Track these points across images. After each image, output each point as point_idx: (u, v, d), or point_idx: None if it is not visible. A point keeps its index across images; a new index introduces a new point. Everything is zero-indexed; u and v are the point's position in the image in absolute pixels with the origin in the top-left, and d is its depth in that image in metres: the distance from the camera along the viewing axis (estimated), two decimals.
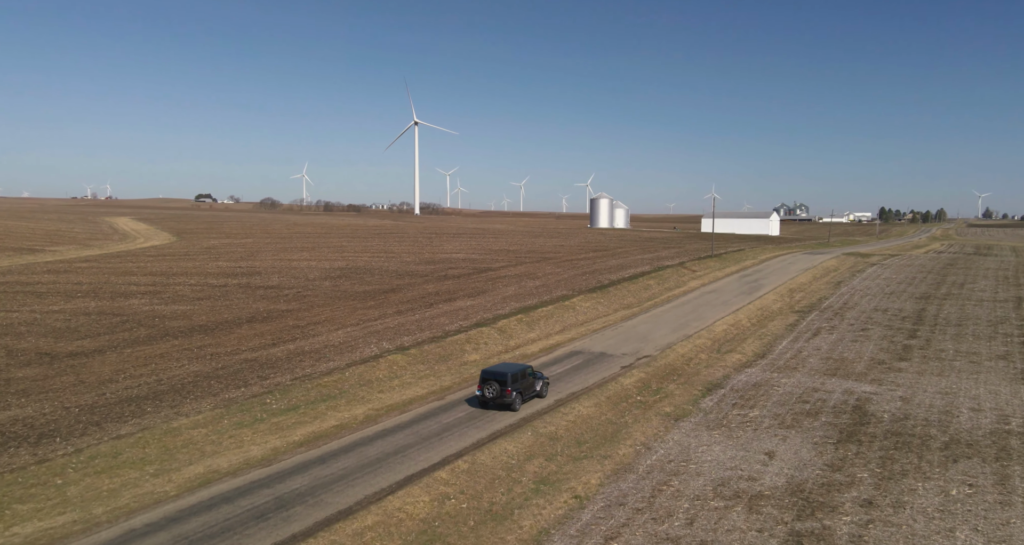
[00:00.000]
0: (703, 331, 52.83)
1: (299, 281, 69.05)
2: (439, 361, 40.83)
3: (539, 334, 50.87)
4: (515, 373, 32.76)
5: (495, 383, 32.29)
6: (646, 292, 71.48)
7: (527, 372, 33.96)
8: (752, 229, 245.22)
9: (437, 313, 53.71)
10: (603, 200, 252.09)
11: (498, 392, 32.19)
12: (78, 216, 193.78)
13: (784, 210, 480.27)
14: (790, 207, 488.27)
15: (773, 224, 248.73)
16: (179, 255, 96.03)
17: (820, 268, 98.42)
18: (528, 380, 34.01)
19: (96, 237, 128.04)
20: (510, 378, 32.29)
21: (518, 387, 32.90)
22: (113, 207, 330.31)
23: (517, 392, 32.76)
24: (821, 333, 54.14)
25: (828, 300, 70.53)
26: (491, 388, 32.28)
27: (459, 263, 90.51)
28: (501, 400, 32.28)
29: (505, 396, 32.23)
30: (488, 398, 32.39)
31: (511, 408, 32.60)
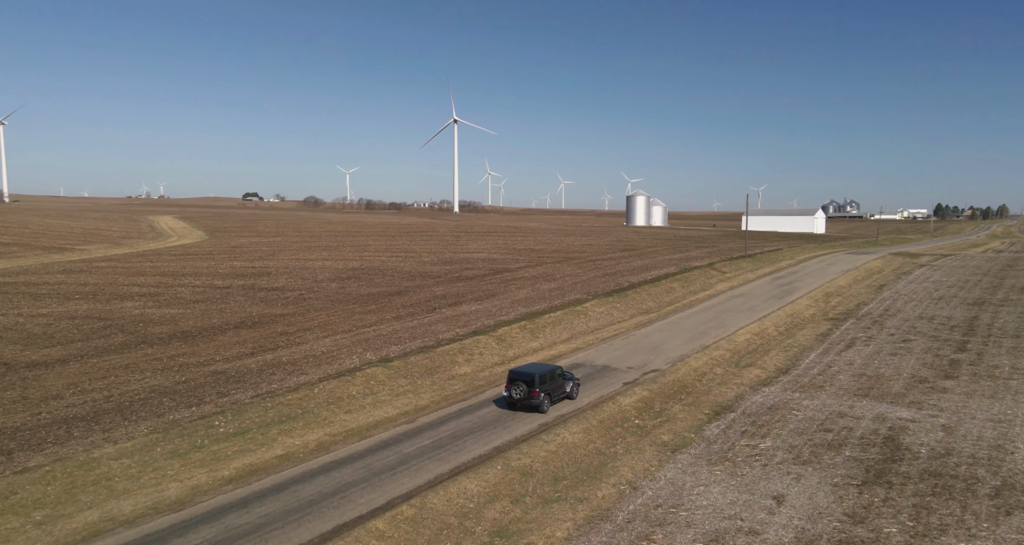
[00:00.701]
0: (722, 341, 47.97)
1: (306, 282, 66.37)
2: (424, 374, 37.18)
3: (542, 343, 46.82)
4: (543, 374, 31.78)
5: (522, 384, 31.41)
6: (668, 296, 66.61)
7: (556, 373, 32.88)
8: (795, 227, 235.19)
9: (437, 318, 50.15)
10: (639, 197, 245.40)
11: (525, 393, 31.35)
12: (123, 215, 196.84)
13: (833, 207, 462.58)
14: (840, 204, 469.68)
15: (818, 222, 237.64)
16: (200, 254, 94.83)
17: (862, 270, 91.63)
18: (557, 381, 33.01)
19: (130, 235, 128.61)
20: (537, 379, 31.33)
21: (546, 388, 32.00)
22: (162, 205, 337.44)
23: (545, 393, 31.85)
24: (856, 344, 48.68)
25: (867, 306, 64.50)
26: (518, 389, 31.45)
27: (477, 263, 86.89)
28: (528, 401, 31.41)
29: (532, 397, 31.33)
30: (516, 399, 31.54)
31: (539, 410, 31.71)
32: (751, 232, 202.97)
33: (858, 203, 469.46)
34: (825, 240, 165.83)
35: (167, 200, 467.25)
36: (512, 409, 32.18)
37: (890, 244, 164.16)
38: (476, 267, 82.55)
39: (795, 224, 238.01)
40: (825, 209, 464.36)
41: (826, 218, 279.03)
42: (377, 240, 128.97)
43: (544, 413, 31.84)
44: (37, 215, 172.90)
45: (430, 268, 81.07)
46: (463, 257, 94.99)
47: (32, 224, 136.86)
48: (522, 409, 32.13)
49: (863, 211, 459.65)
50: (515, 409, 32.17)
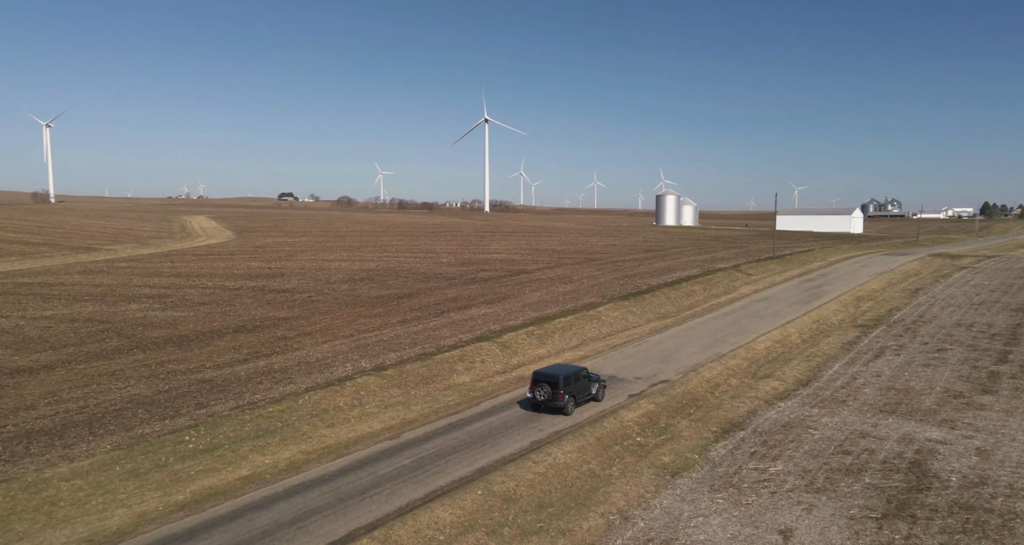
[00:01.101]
0: (740, 349, 45.14)
1: (318, 284, 65.19)
2: (419, 384, 35.31)
3: (550, 350, 44.60)
4: (568, 375, 31.21)
5: (546, 385, 30.92)
6: (688, 299, 63.73)
7: (581, 374, 32.27)
8: (831, 227, 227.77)
9: (443, 323, 48.30)
10: (669, 197, 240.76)
11: (549, 395, 30.86)
12: (159, 215, 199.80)
13: (874, 206, 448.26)
14: (880, 202, 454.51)
15: (855, 221, 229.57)
16: (222, 254, 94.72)
17: (897, 272, 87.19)
18: (583, 383, 32.40)
19: (159, 235, 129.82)
20: (562, 380, 30.78)
21: (571, 390, 31.46)
22: (199, 206, 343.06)
23: (570, 395, 31.32)
24: (885, 354, 45.36)
25: (901, 311, 60.72)
26: (542, 391, 31.00)
27: (495, 264, 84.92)
28: (553, 404, 30.96)
29: (557, 399, 30.85)
30: (539, 401, 31.16)
31: (563, 412, 31.28)
32: (784, 232, 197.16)
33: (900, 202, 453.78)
34: (862, 240, 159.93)
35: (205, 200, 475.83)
36: (536, 411, 31.77)
37: (931, 244, 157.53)
38: (493, 268, 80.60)
39: (831, 224, 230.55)
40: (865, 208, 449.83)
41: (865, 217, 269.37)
42: (400, 240, 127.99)
43: (568, 415, 31.29)
44: (75, 215, 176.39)
45: (446, 269, 79.39)
46: (482, 258, 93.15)
47: (67, 224, 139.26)
48: (546, 411, 31.67)
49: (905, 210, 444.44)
50: (539, 411, 31.73)
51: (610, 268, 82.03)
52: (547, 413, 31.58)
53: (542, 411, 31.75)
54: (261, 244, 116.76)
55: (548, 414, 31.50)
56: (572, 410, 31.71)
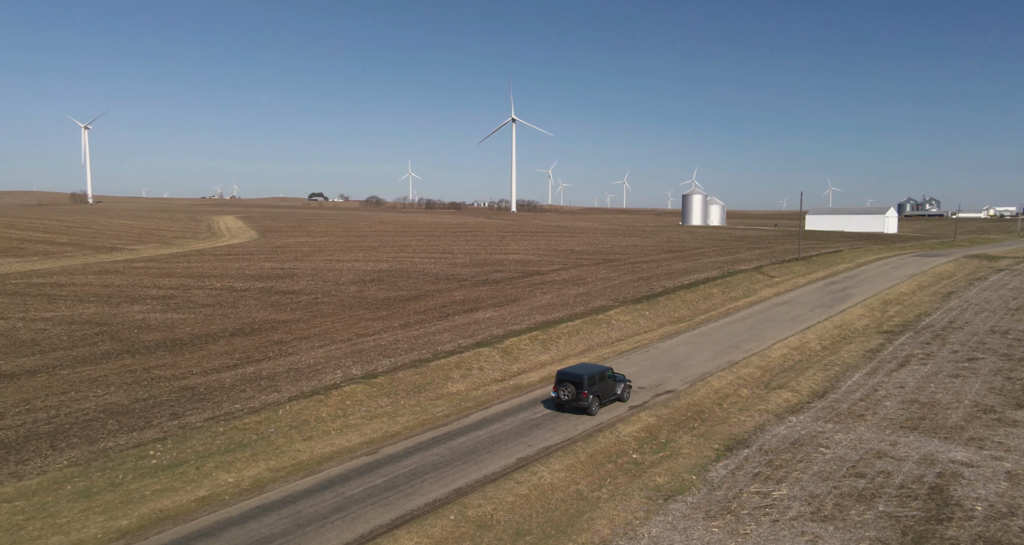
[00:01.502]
0: (754, 357, 42.58)
1: (327, 285, 64.06)
2: (410, 393, 33.62)
3: (553, 356, 42.60)
4: (592, 375, 31.03)
5: (570, 385, 30.80)
6: (704, 303, 61.10)
7: (606, 374, 32.05)
8: (864, 226, 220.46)
9: (446, 327, 46.63)
10: (696, 196, 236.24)
11: (574, 395, 30.74)
12: (189, 215, 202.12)
13: (911, 205, 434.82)
14: (918, 201, 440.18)
15: (889, 221, 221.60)
16: (240, 255, 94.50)
17: (930, 274, 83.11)
18: (608, 383, 32.17)
19: (184, 235, 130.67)
20: (586, 380, 30.63)
21: (595, 390, 31.27)
22: (230, 206, 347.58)
23: (594, 395, 31.14)
24: (911, 363, 42.40)
25: (930, 317, 57.30)
26: (567, 390, 30.88)
27: (510, 265, 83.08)
28: (577, 404, 30.89)
29: (581, 400, 30.72)
30: (564, 401, 31.08)
31: (588, 412, 31.16)
32: (814, 233, 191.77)
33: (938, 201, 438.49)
34: (895, 241, 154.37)
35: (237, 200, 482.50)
36: (560, 410, 31.66)
37: (968, 245, 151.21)
38: (507, 269, 78.78)
39: (864, 223, 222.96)
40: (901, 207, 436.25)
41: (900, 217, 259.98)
42: (420, 240, 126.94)
43: (593, 416, 31.12)
44: (107, 215, 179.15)
45: (460, 270, 77.80)
46: (498, 258, 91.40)
47: (96, 224, 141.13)
48: (570, 411, 31.52)
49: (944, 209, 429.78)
50: (563, 411, 31.63)
51: (627, 269, 79.62)
52: (571, 413, 31.41)
53: (566, 411, 31.61)
54: (282, 244, 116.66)
55: (572, 414, 31.30)
56: (596, 410, 31.44)
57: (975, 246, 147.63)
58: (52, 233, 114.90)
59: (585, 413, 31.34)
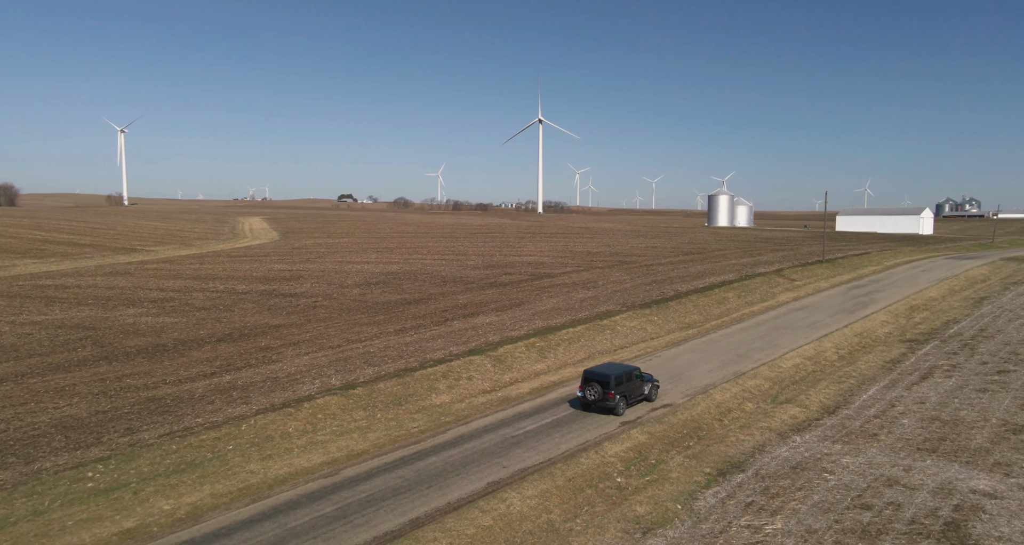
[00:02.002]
0: (764, 367, 39.72)
1: (331, 288, 62.59)
2: (389, 405, 31.64)
3: (549, 365, 40.29)
4: (619, 375, 30.87)
5: (597, 385, 30.66)
6: (718, 308, 58.12)
7: (633, 374, 31.90)
8: (898, 227, 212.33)
9: (442, 333, 44.65)
10: (722, 197, 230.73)
11: (600, 395, 30.62)
12: (217, 217, 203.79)
13: (950, 205, 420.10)
14: (957, 202, 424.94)
15: (924, 222, 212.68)
16: (255, 256, 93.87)
17: (962, 278, 78.65)
18: (635, 383, 32.02)
19: (206, 237, 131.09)
20: (613, 380, 30.49)
21: (622, 390, 31.14)
22: (260, 207, 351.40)
23: (621, 395, 31.00)
24: (934, 375, 39.11)
25: (959, 324, 53.53)
26: (593, 390, 30.75)
27: (522, 267, 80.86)
28: (603, 403, 30.73)
29: (608, 400, 30.56)
30: (590, 401, 30.95)
31: (614, 412, 31.02)
32: (845, 234, 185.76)
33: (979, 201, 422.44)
34: (929, 242, 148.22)
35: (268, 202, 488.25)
36: (587, 410, 31.51)
37: (1007, 247, 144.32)
38: (518, 272, 76.57)
39: (898, 224, 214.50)
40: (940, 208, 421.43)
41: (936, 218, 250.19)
42: (438, 241, 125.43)
43: (620, 416, 30.98)
44: (136, 217, 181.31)
45: (470, 272, 75.83)
46: (511, 260, 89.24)
47: (121, 225, 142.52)
48: (597, 411, 31.38)
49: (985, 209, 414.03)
50: (589, 410, 31.48)
51: (641, 272, 76.79)
52: (598, 413, 31.22)
53: (592, 411, 31.41)
54: (300, 245, 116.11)
55: (599, 414, 31.12)
56: (623, 410, 31.28)
57: (1014, 248, 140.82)
58: (76, 234, 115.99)
59: (612, 413, 31.13)
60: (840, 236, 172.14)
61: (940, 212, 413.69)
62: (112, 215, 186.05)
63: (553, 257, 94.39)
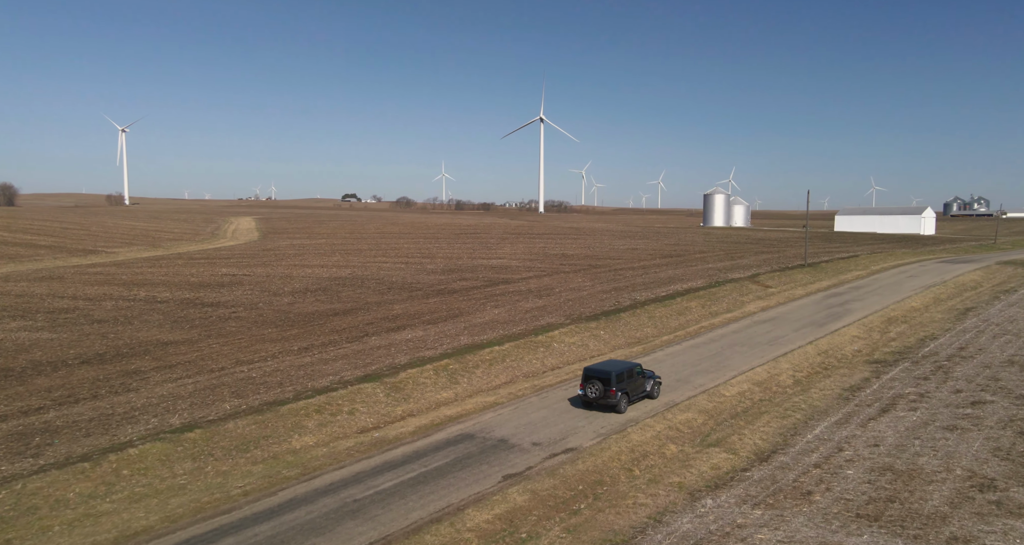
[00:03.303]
0: (702, 396, 33.84)
1: (261, 296, 57.23)
2: (230, 453, 26.05)
3: (458, 393, 34.63)
4: (620, 372, 30.40)
5: (598, 382, 30.19)
6: (676, 319, 52.23)
7: (635, 371, 31.47)
8: (898, 227, 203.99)
9: (350, 351, 39.17)
10: (718, 196, 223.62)
11: (601, 392, 30.15)
12: (207, 217, 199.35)
13: (958, 204, 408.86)
14: (965, 201, 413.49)
15: (927, 221, 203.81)
16: (213, 258, 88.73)
17: (951, 285, 72.18)
18: (637, 380, 31.63)
19: (181, 238, 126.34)
20: (614, 377, 29.98)
21: (624, 387, 30.63)
22: (261, 207, 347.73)
23: (623, 392, 30.50)
24: (897, 407, 33.09)
25: (937, 341, 47.31)
26: (594, 388, 30.27)
27: (484, 272, 75.26)
28: (605, 401, 30.22)
29: (609, 397, 30.08)
30: (591, 398, 30.45)
31: (616, 410, 30.52)
32: (843, 234, 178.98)
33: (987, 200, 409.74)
34: (928, 243, 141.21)
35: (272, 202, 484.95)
36: (588, 408, 31.14)
37: (1009, 248, 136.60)
38: (476, 277, 70.96)
39: (898, 224, 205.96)
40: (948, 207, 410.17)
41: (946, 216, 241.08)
42: (416, 242, 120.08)
43: (622, 413, 30.50)
44: (124, 217, 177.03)
45: (425, 277, 70.32)
46: (478, 264, 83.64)
47: (99, 226, 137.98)
48: (598, 408, 30.93)
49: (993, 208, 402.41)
50: (591, 408, 31.06)
51: (608, 277, 70.96)
52: (599, 410, 30.77)
53: (594, 408, 31.00)
54: (272, 247, 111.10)
55: (600, 412, 30.67)
56: (625, 408, 30.84)
57: (1016, 250, 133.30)
58: (41, 235, 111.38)
59: (614, 411, 30.57)
60: (837, 237, 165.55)
61: (948, 211, 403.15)
62: (100, 215, 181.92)
63: (523, 260, 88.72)
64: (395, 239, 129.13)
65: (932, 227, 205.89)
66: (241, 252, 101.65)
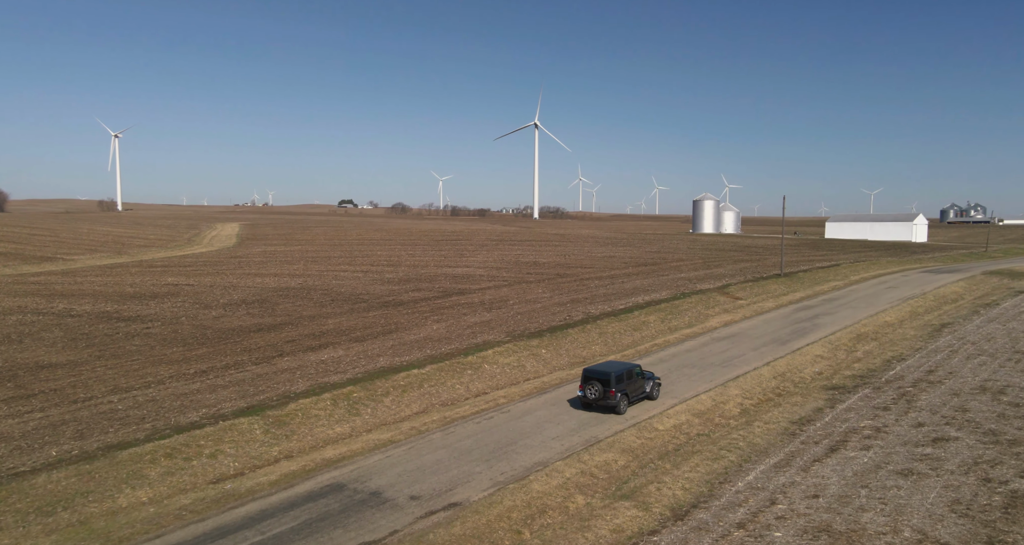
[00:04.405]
0: (630, 431, 29.32)
1: (191, 309, 52.92)
2: (24, 519, 21.48)
3: (355, 427, 30.19)
4: (620, 373, 30.28)
5: (597, 383, 30.08)
6: (629, 336, 47.80)
7: (634, 372, 31.31)
8: (890, 235, 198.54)
9: (248, 376, 34.83)
10: (707, 202, 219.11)
11: (601, 393, 30.06)
12: (192, 223, 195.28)
13: (954, 211, 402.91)
14: (962, 207, 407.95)
15: (919, 229, 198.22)
16: (167, 266, 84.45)
17: (930, 297, 67.60)
18: (636, 381, 31.49)
19: (153, 245, 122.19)
20: (614, 378, 29.92)
21: (623, 388, 30.52)
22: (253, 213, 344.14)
23: (622, 393, 30.39)
24: (847, 445, 28.54)
25: (905, 362, 42.74)
26: (593, 389, 30.20)
27: (443, 281, 70.95)
28: (604, 402, 30.13)
29: (608, 398, 30.01)
30: (591, 400, 30.31)
31: (616, 411, 30.43)
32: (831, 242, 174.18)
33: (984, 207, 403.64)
34: (916, 251, 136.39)
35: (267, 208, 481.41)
36: (587, 410, 31.00)
37: (1000, 257, 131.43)
38: (433, 287, 66.62)
39: (889, 231, 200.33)
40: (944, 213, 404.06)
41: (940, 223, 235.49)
42: (390, 249, 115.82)
43: (621, 414, 30.45)
44: (103, 223, 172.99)
45: (377, 288, 65.99)
46: (442, 272, 79.31)
47: (69, 232, 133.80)
48: (598, 410, 30.81)
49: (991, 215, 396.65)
50: (590, 409, 30.94)
51: (570, 288, 66.57)
52: (599, 412, 30.68)
53: (593, 410, 30.88)
54: (241, 254, 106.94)
55: (600, 413, 30.63)
56: (625, 409, 30.76)
57: (1007, 258, 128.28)
58: (2, 242, 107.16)
59: (613, 412, 30.46)
60: (826, 244, 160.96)
61: (945, 218, 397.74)
62: (81, 221, 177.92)
63: (491, 269, 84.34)
64: (371, 246, 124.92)
65: (924, 234, 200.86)
66: (205, 259, 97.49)
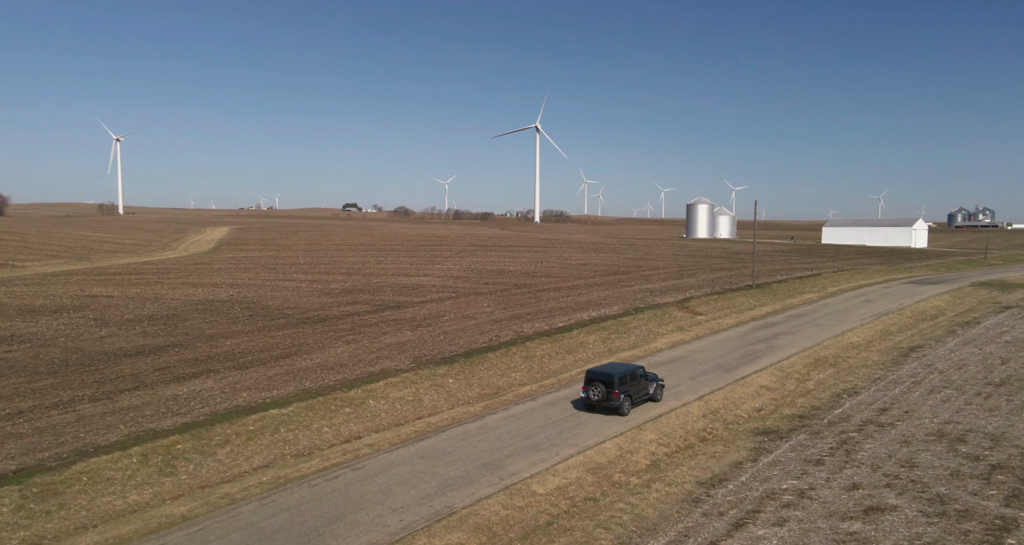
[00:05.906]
0: (499, 496, 23.50)
1: (81, 327, 47.69)
2: None
3: (157, 495, 24.49)
4: (623, 374, 30.04)
5: (600, 385, 29.83)
6: (560, 360, 41.96)
7: (638, 373, 31.00)
8: (888, 240, 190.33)
9: (68, 419, 29.35)
10: (701, 206, 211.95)
11: (604, 395, 29.79)
12: (180, 227, 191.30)
13: (962, 215, 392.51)
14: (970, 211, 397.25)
15: (918, 234, 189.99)
16: (113, 274, 79.51)
17: (907, 313, 61.14)
18: (639, 382, 31.13)
19: (123, 250, 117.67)
20: (617, 380, 29.69)
21: (626, 389, 30.24)
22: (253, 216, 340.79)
23: (626, 395, 30.15)
24: (759, 518, 22.52)
25: (858, 396, 36.44)
26: (596, 390, 29.96)
27: (390, 292, 65.50)
28: (608, 403, 29.88)
29: (612, 399, 29.78)
30: (594, 401, 30.06)
31: (619, 412, 30.19)
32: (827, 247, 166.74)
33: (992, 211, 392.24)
34: (912, 258, 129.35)
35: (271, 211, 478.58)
36: (591, 411, 30.63)
37: (998, 265, 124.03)
38: (373, 300, 61.12)
39: (888, 237, 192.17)
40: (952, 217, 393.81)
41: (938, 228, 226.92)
42: (361, 256, 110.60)
43: (624, 416, 30.11)
44: (84, 227, 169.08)
45: (312, 300, 60.56)
46: (393, 282, 73.80)
47: (43, 235, 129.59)
48: (601, 411, 30.50)
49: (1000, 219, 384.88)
50: (594, 411, 30.58)
51: (519, 301, 60.79)
52: (602, 413, 30.48)
53: (597, 411, 30.68)
54: (205, 261, 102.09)
55: (603, 414, 30.34)
56: (628, 410, 30.54)
57: (1005, 266, 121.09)
58: None
59: (616, 413, 30.32)
60: (820, 250, 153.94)
61: (952, 222, 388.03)
62: (62, 225, 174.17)
63: (449, 278, 78.71)
64: (345, 252, 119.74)
65: (924, 240, 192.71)
66: (163, 267, 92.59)
